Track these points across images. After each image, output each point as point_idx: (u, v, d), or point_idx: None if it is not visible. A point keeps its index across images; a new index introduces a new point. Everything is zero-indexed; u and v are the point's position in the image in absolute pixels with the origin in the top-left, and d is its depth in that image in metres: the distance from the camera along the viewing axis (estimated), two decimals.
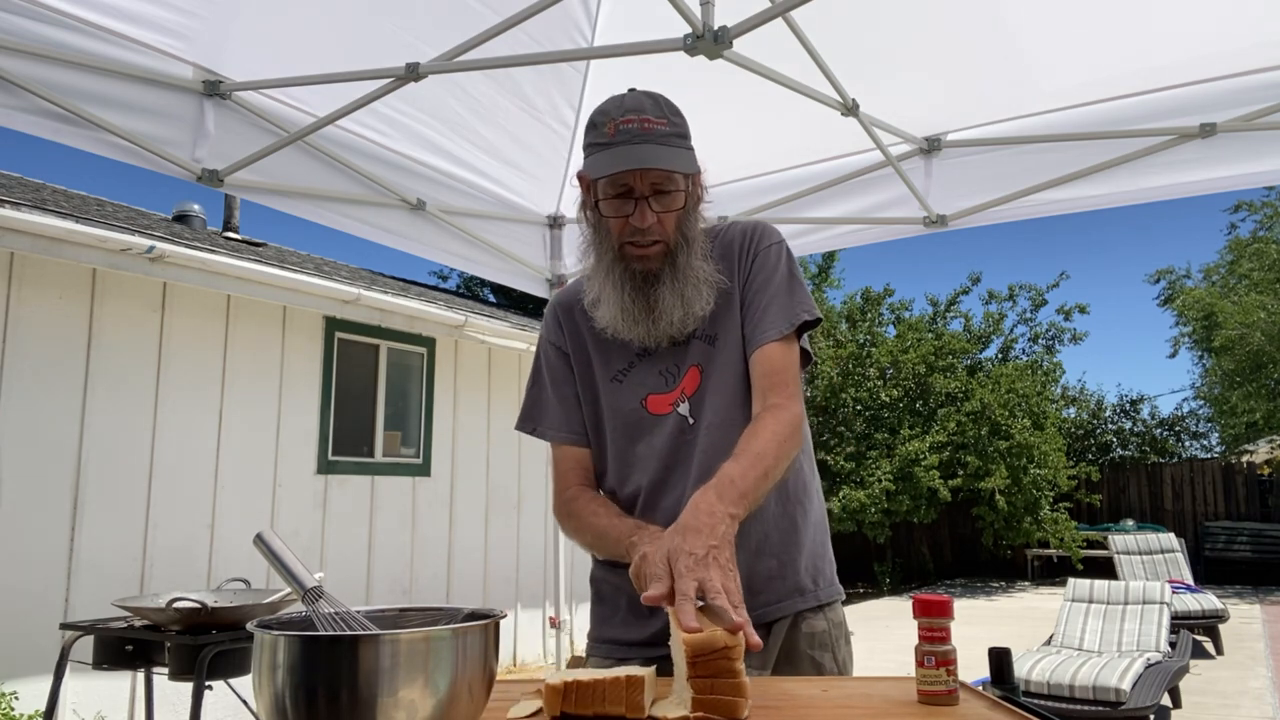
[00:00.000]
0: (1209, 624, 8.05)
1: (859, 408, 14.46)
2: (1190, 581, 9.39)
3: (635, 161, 1.40)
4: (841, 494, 13.23)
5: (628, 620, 1.55)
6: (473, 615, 1.06)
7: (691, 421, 1.53)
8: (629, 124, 1.42)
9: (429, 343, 7.40)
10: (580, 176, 1.52)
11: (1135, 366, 44.61)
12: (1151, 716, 4.61)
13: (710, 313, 1.52)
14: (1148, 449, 17.44)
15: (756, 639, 1.06)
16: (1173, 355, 24.46)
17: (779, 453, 1.36)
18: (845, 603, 1.66)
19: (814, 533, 1.59)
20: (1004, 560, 15.50)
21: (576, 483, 1.60)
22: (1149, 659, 5.23)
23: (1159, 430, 18.02)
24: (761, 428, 1.39)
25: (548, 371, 1.65)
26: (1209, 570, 13.97)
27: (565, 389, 1.63)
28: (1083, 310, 16.17)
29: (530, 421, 1.66)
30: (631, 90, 1.49)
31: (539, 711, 1.11)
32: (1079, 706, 4.69)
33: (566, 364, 1.63)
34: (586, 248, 1.55)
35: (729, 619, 1.06)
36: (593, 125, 1.47)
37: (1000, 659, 1.22)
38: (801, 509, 1.56)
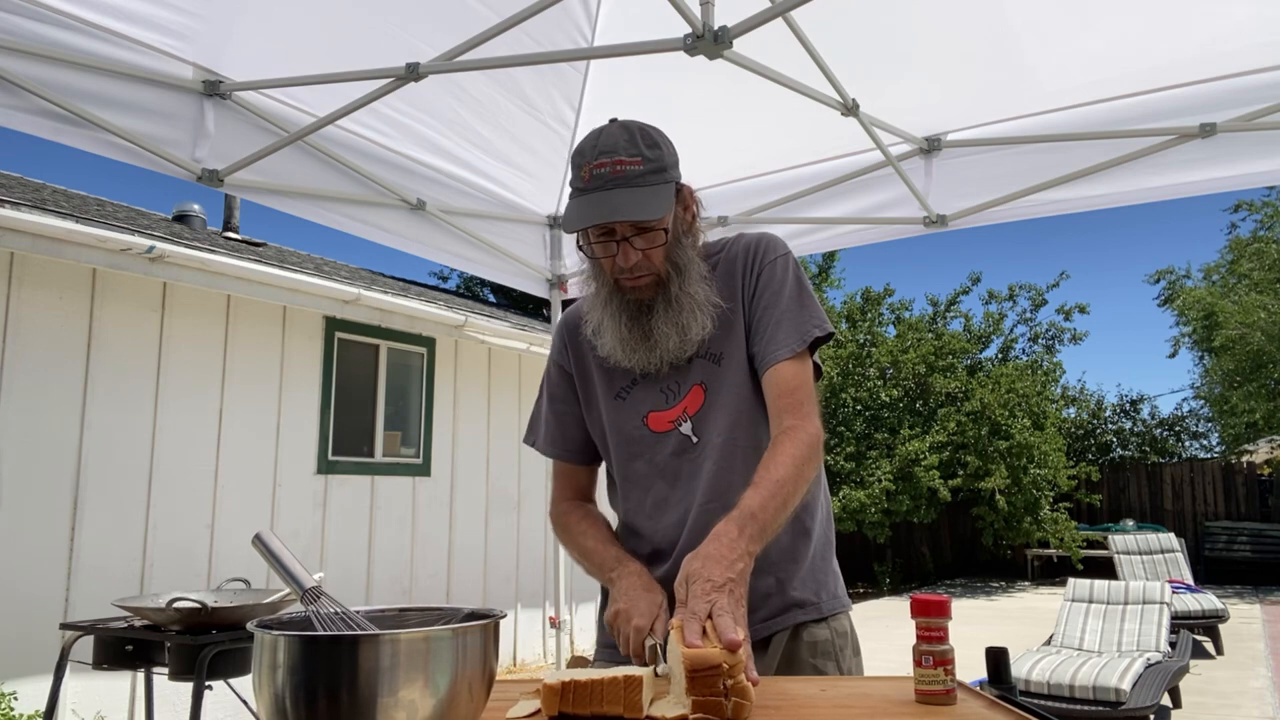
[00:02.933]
0: (1209, 624, 8.05)
1: (859, 408, 14.46)
2: (1190, 581, 9.38)
3: (604, 215, 1.41)
4: (841, 494, 13.23)
5: None
6: (472, 615, 1.06)
7: (695, 440, 1.53)
8: (601, 168, 1.42)
9: (429, 343, 7.40)
10: None
11: (1135, 366, 44.71)
12: (1151, 716, 4.61)
13: (714, 331, 1.52)
14: (1148, 449, 17.44)
15: (755, 675, 1.08)
16: (1173, 355, 24.43)
17: (799, 478, 1.36)
18: None
19: (816, 548, 1.58)
20: (1004, 560, 15.51)
21: (569, 496, 1.69)
22: (1149, 659, 5.23)
23: (1159, 430, 18.02)
24: (780, 452, 1.38)
25: (549, 389, 1.70)
26: (1209, 570, 13.97)
27: (562, 407, 1.68)
28: (1083, 310, 16.21)
29: (531, 435, 1.75)
30: (612, 121, 1.48)
31: (538, 711, 1.11)
32: (1079, 706, 4.69)
33: (568, 383, 1.67)
34: (587, 279, 1.58)
35: (728, 636, 1.06)
36: (573, 164, 1.48)
37: (997, 658, 1.23)
38: (801, 525, 1.55)
